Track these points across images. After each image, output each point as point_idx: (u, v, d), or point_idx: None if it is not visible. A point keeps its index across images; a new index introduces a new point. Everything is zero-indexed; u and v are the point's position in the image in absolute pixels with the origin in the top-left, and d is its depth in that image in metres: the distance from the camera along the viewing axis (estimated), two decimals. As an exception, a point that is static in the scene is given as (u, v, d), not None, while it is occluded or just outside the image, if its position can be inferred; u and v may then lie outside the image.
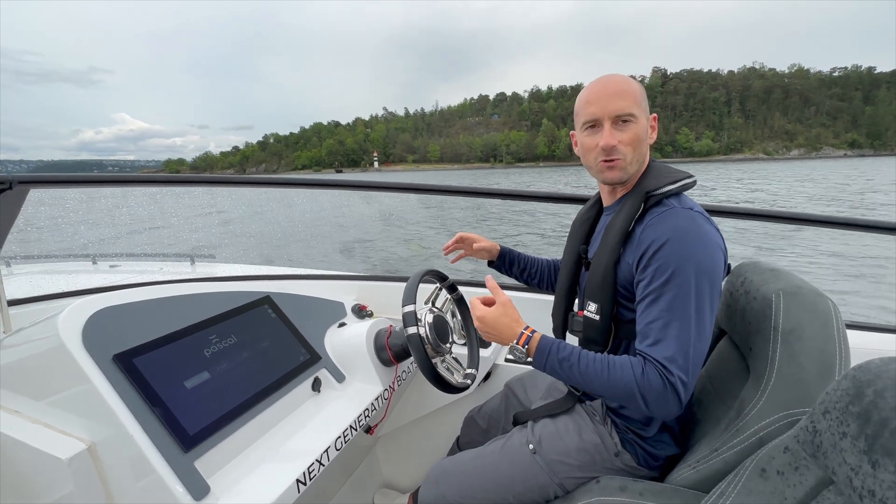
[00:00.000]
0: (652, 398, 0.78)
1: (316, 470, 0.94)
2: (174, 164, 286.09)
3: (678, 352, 0.77)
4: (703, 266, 0.80)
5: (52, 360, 0.89)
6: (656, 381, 0.77)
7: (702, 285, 0.79)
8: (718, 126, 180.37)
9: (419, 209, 17.83)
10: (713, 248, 0.82)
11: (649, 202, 0.90)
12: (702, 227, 0.83)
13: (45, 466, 0.85)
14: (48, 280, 2.37)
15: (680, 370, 0.76)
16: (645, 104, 0.92)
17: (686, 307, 0.79)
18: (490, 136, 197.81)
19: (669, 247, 0.81)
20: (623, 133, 0.90)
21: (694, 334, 0.78)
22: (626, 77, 0.93)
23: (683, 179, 0.91)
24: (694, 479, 0.84)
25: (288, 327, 1.25)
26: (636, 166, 0.94)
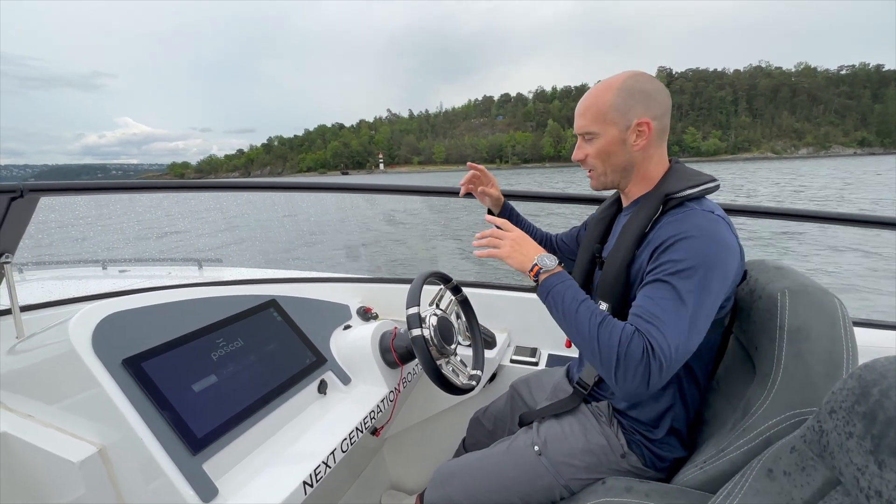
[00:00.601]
0: (627, 369, 0.76)
1: (322, 472, 0.95)
2: (179, 168, 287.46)
3: (669, 339, 0.76)
4: (716, 266, 0.79)
5: (63, 365, 0.91)
6: (637, 355, 0.76)
7: (709, 283, 0.79)
8: (725, 125, 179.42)
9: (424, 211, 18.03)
10: (728, 252, 0.81)
11: (668, 204, 0.90)
12: (721, 230, 0.83)
13: (58, 469, 0.87)
14: (59, 286, 2.39)
15: (664, 358, 0.75)
16: (618, 114, 0.91)
17: (688, 299, 0.78)
18: (495, 137, 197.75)
19: (686, 243, 0.81)
20: (590, 146, 0.96)
21: (687, 329, 0.77)
22: (597, 89, 0.94)
23: (706, 183, 0.90)
24: (700, 479, 0.83)
25: (294, 330, 1.27)
26: (613, 176, 0.97)
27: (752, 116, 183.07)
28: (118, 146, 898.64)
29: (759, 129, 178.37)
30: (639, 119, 0.90)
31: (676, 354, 0.76)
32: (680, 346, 0.76)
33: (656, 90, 0.92)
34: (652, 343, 0.76)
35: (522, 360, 1.60)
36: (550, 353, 1.66)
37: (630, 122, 0.91)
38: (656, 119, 0.91)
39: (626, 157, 0.94)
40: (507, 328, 1.70)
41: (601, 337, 0.80)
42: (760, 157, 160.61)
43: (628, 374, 0.76)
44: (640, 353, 0.75)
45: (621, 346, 0.77)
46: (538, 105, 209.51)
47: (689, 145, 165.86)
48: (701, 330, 0.79)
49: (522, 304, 1.60)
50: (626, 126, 0.92)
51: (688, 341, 0.77)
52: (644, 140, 0.92)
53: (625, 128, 0.92)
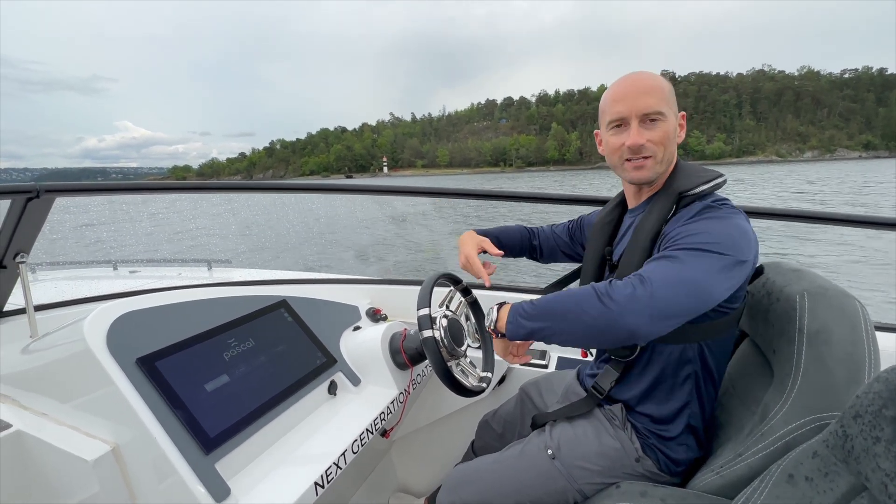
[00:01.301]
0: (618, 298, 0.73)
1: (333, 473, 0.95)
2: (180, 171, 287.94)
3: (657, 279, 0.73)
4: (731, 248, 0.77)
5: (78, 364, 0.91)
6: (622, 285, 0.75)
7: (720, 259, 0.76)
8: (730, 129, 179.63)
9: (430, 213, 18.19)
10: (746, 238, 0.80)
11: (682, 202, 0.88)
12: (740, 220, 0.82)
13: (72, 467, 0.87)
14: (72, 286, 2.41)
15: (651, 287, 0.72)
16: (673, 102, 0.90)
17: (688, 258, 0.76)
18: (499, 141, 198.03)
19: (706, 223, 0.81)
20: (652, 132, 0.88)
21: (689, 278, 0.74)
22: (654, 74, 0.92)
23: (715, 179, 0.88)
24: (718, 484, 0.82)
25: (304, 331, 1.27)
26: (665, 166, 0.92)
27: (756, 120, 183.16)
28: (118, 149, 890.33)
29: (764, 133, 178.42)
30: (681, 112, 0.91)
31: (665, 301, 0.72)
32: (671, 291, 0.73)
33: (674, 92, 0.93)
34: (637, 273, 0.76)
35: (532, 363, 1.59)
36: (560, 356, 1.65)
37: (677, 112, 0.91)
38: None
39: (674, 149, 0.92)
40: None
41: (583, 302, 0.77)
42: (765, 161, 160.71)
43: (620, 301, 0.73)
44: (625, 286, 0.74)
45: (600, 287, 0.76)
46: (541, 108, 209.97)
47: (694, 148, 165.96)
48: (698, 283, 0.74)
49: None
50: (676, 115, 0.91)
51: (681, 293, 0.73)
52: (683, 133, 0.92)
53: (676, 117, 0.91)
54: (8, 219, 1.20)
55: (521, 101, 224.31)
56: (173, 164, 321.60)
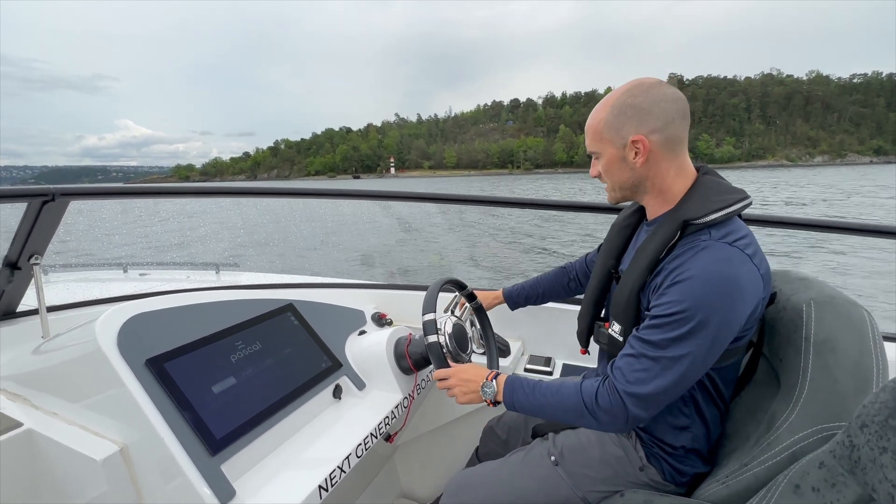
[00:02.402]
0: (601, 415, 0.83)
1: (337, 477, 0.95)
2: (183, 171, 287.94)
3: (644, 393, 0.79)
4: (717, 317, 0.77)
5: (89, 365, 0.92)
6: (606, 402, 0.82)
7: (705, 336, 0.77)
8: (739, 132, 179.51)
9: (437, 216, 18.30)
10: (738, 301, 0.77)
11: (687, 230, 0.85)
12: (736, 270, 0.78)
13: (81, 466, 0.88)
14: (83, 287, 2.44)
15: (637, 409, 0.80)
16: (612, 132, 0.89)
17: (670, 349, 0.78)
18: (506, 143, 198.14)
19: (690, 285, 0.78)
20: (598, 165, 0.96)
21: (670, 383, 0.78)
22: (597, 107, 0.93)
23: (733, 205, 0.83)
24: (723, 494, 0.81)
25: (310, 334, 1.28)
26: (620, 192, 0.96)
27: (765, 124, 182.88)
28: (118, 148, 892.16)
29: (773, 137, 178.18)
30: (633, 136, 0.87)
31: (649, 408, 0.80)
32: (656, 400, 0.80)
33: (655, 101, 0.86)
34: (623, 396, 0.81)
35: (537, 370, 1.60)
36: (565, 363, 1.64)
37: (625, 139, 0.88)
38: (655, 132, 0.86)
39: (631, 175, 0.91)
40: (521, 337, 1.70)
41: (567, 408, 0.88)
42: (776, 165, 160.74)
43: (603, 419, 0.83)
44: (607, 401, 0.82)
45: (584, 399, 0.85)
46: (549, 111, 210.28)
47: (703, 152, 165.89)
48: (686, 381, 0.79)
49: (536, 314, 1.58)
50: (622, 144, 0.89)
51: (663, 396, 0.80)
52: (643, 157, 0.88)
53: (621, 146, 0.89)
54: (24, 221, 1.22)
55: (527, 103, 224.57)
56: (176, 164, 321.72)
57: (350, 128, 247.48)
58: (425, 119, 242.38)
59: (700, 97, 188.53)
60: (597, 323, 1.08)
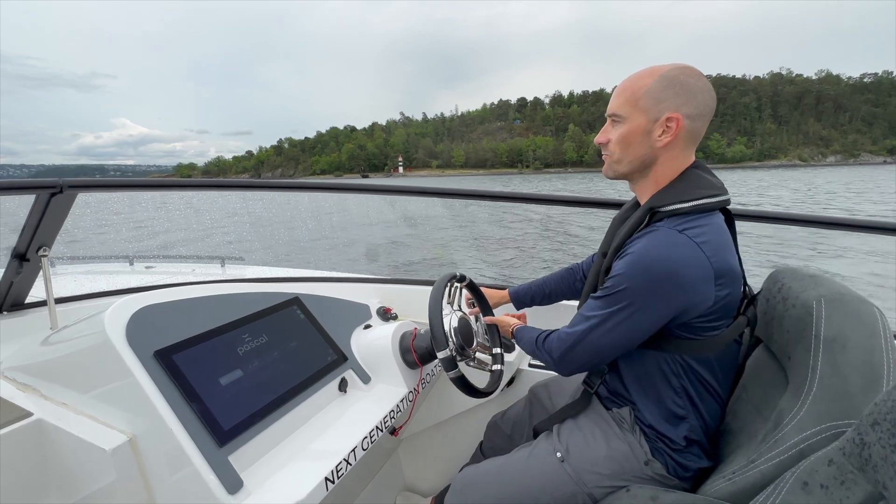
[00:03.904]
0: (543, 356, 1.01)
1: (343, 469, 0.96)
2: (185, 170, 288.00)
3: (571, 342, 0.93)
4: (641, 295, 0.82)
5: (98, 356, 0.93)
6: (549, 343, 0.99)
7: (627, 309, 0.84)
8: (750, 132, 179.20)
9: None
10: (668, 282, 0.81)
11: (654, 217, 0.89)
12: (674, 253, 0.81)
13: (90, 456, 0.90)
14: (90, 280, 2.46)
15: (561, 352, 0.95)
16: (651, 102, 0.87)
17: (601, 312, 0.88)
18: (514, 142, 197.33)
19: (628, 260, 0.85)
20: (614, 131, 0.93)
21: (593, 341, 0.90)
22: (640, 72, 0.90)
23: (700, 199, 0.86)
24: (729, 490, 0.81)
25: (316, 328, 1.29)
26: (627, 166, 0.94)
27: (777, 123, 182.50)
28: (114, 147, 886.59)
29: (786, 136, 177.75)
30: (670, 113, 0.86)
31: (564, 357, 0.95)
32: (566, 355, 0.95)
33: (701, 89, 0.86)
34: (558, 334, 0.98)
35: (541, 365, 1.62)
36: None
37: (660, 113, 0.87)
38: (689, 118, 0.86)
39: (646, 151, 0.90)
40: None
41: (529, 344, 1.08)
42: (788, 165, 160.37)
43: (544, 358, 1.01)
44: (550, 342, 0.99)
45: (540, 338, 1.03)
46: (556, 109, 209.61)
47: (715, 152, 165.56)
48: (605, 338, 0.89)
49: (541, 309, 1.59)
50: (654, 117, 0.87)
51: (586, 345, 0.91)
52: (669, 137, 0.87)
53: (653, 119, 0.87)
54: (32, 213, 1.24)
55: (534, 102, 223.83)
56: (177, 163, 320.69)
57: (354, 126, 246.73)
58: (431, 118, 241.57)
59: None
60: None
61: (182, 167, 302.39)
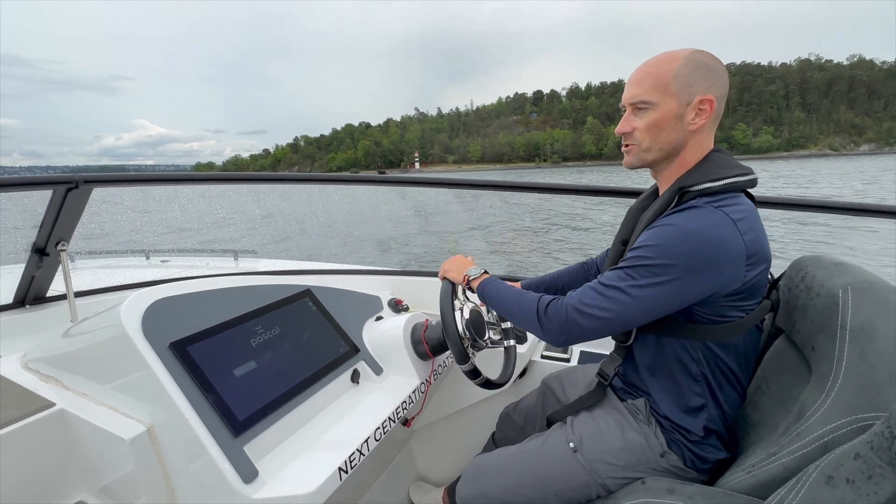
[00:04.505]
0: (546, 323, 0.89)
1: (357, 459, 0.96)
2: (204, 169, 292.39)
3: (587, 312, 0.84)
4: (678, 267, 0.79)
5: (116, 347, 0.95)
6: (553, 312, 0.88)
7: (660, 281, 0.79)
8: (777, 121, 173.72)
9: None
10: (700, 261, 0.78)
11: (683, 198, 0.86)
12: (713, 231, 0.78)
13: (110, 445, 0.92)
14: (108, 273, 2.51)
15: (576, 322, 0.85)
16: (681, 85, 0.85)
17: (627, 283, 0.81)
18: (531, 135, 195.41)
19: (663, 230, 0.81)
20: (640, 119, 0.89)
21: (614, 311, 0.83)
22: (663, 57, 0.88)
23: (731, 178, 0.85)
24: (749, 483, 0.80)
25: (328, 320, 1.30)
26: (657, 153, 0.91)
27: (806, 111, 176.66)
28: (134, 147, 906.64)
29: (815, 125, 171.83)
30: (703, 95, 0.85)
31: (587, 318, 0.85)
32: (593, 314, 0.84)
33: (722, 71, 0.87)
34: (567, 304, 0.87)
35: (554, 357, 1.61)
36: (582, 350, 1.65)
37: (692, 97, 0.85)
38: (718, 100, 0.86)
39: (678, 136, 0.88)
40: None
41: (522, 306, 0.95)
42: (818, 155, 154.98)
43: (546, 326, 0.89)
44: (555, 312, 0.89)
45: (540, 307, 0.91)
46: (574, 102, 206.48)
47: (740, 142, 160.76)
48: (629, 310, 0.82)
49: None
50: (687, 101, 0.86)
51: (604, 314, 0.83)
52: (703, 119, 0.86)
53: (685, 102, 0.86)
54: (49, 208, 1.27)
55: (551, 95, 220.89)
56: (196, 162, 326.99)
57: (369, 123, 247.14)
58: (446, 113, 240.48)
59: (735, 85, 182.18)
60: None
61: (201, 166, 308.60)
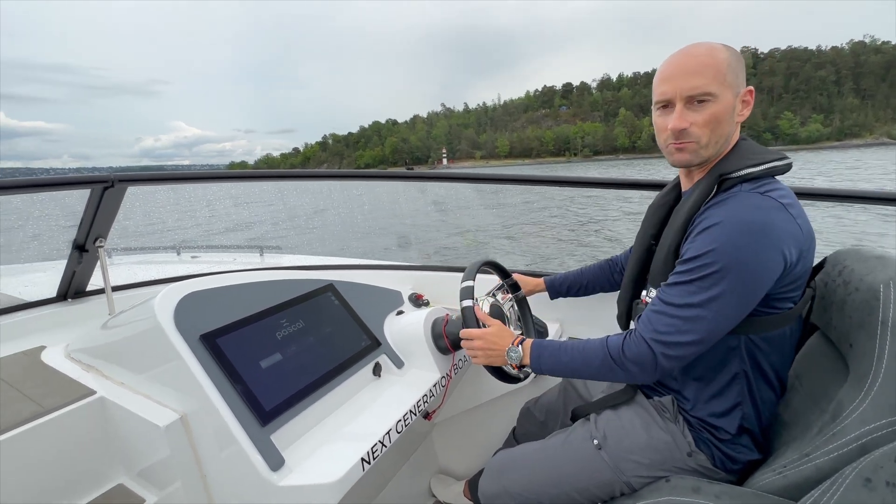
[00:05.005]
0: (630, 366, 0.84)
1: (379, 450, 0.98)
2: (237, 167, 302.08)
3: (672, 341, 0.80)
4: (743, 262, 0.75)
5: (150, 339, 1.01)
6: (633, 352, 0.84)
7: (731, 281, 0.76)
8: (828, 108, 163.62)
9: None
10: (767, 247, 0.75)
11: (723, 185, 0.84)
12: (765, 216, 0.76)
13: (147, 432, 0.97)
14: (143, 269, 2.65)
15: (665, 356, 0.81)
16: (733, 76, 0.83)
17: (701, 297, 0.78)
18: (561, 129, 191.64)
19: (716, 230, 0.77)
20: (697, 114, 0.84)
21: (698, 330, 0.79)
22: (710, 47, 0.84)
23: (770, 162, 0.82)
24: (780, 484, 0.77)
25: (350, 314, 1.32)
26: (713, 149, 0.87)
27: (860, 97, 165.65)
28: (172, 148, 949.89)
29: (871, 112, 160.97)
30: (746, 87, 0.84)
31: (674, 349, 0.80)
32: (678, 341, 0.80)
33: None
34: (646, 338, 0.83)
35: None
36: None
37: (740, 88, 0.84)
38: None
39: (731, 129, 0.86)
40: (559, 319, 1.70)
41: (591, 363, 0.90)
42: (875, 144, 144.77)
43: (633, 370, 0.85)
44: (635, 351, 0.84)
45: (614, 352, 0.86)
46: (605, 94, 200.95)
47: (786, 132, 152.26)
48: (711, 322, 0.78)
49: (575, 300, 1.55)
50: (737, 92, 0.84)
51: (689, 338, 0.79)
52: (748, 111, 0.85)
53: (736, 94, 0.84)
54: (88, 207, 1.36)
55: (581, 87, 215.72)
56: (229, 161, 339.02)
57: (396, 120, 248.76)
58: (473, 108, 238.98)
59: (780, 71, 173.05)
60: (635, 302, 1.05)
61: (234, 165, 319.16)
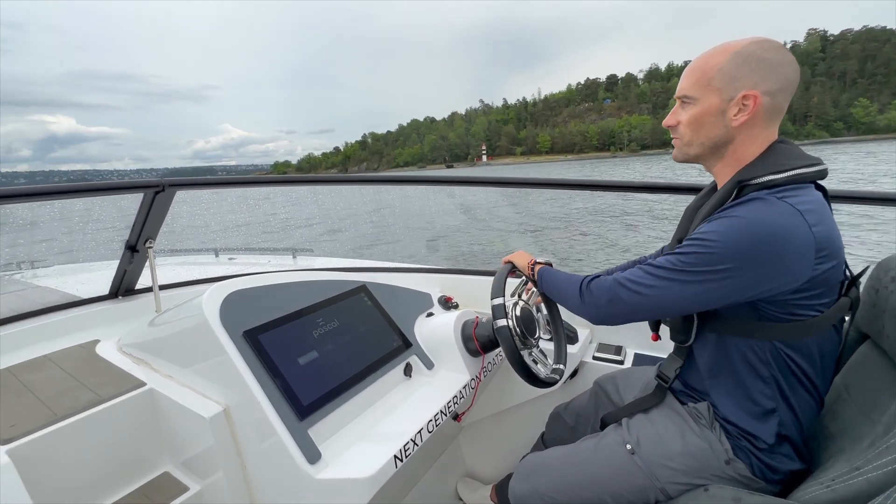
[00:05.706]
0: (587, 296, 0.95)
1: (411, 449, 1.01)
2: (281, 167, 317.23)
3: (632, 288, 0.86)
4: (733, 260, 0.76)
5: (197, 335, 1.07)
6: (596, 287, 0.92)
7: (718, 272, 0.77)
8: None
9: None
10: (771, 251, 0.74)
11: (743, 192, 0.83)
12: (778, 221, 0.75)
13: (192, 422, 1.03)
14: (186, 269, 2.78)
15: (618, 297, 0.87)
16: (726, 81, 0.83)
17: (683, 269, 0.80)
18: (605, 123, 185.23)
19: (726, 222, 0.78)
20: (685, 113, 0.90)
21: (662, 294, 0.82)
22: (712, 51, 0.86)
23: (796, 169, 0.81)
24: (827, 498, 0.74)
25: (382, 314, 1.36)
26: (699, 148, 0.90)
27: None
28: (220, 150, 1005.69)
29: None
30: (746, 91, 0.82)
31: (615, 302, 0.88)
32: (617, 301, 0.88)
33: (781, 62, 0.82)
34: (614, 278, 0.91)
35: (606, 358, 1.59)
36: (637, 353, 1.62)
37: (736, 92, 0.83)
38: (769, 95, 0.82)
39: (721, 132, 0.87)
40: (589, 324, 1.68)
41: (569, 283, 1.01)
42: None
43: (587, 299, 0.94)
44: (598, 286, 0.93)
45: (584, 282, 0.97)
46: (654, 85, 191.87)
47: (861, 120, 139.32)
48: (680, 296, 0.82)
49: None
50: (729, 96, 0.84)
51: (651, 294, 0.84)
52: (746, 116, 0.83)
53: (728, 98, 0.84)
54: (140, 210, 1.46)
55: (627, 79, 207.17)
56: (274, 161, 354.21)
57: (434, 117, 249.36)
58: (512, 104, 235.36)
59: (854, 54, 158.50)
60: None
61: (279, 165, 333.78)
